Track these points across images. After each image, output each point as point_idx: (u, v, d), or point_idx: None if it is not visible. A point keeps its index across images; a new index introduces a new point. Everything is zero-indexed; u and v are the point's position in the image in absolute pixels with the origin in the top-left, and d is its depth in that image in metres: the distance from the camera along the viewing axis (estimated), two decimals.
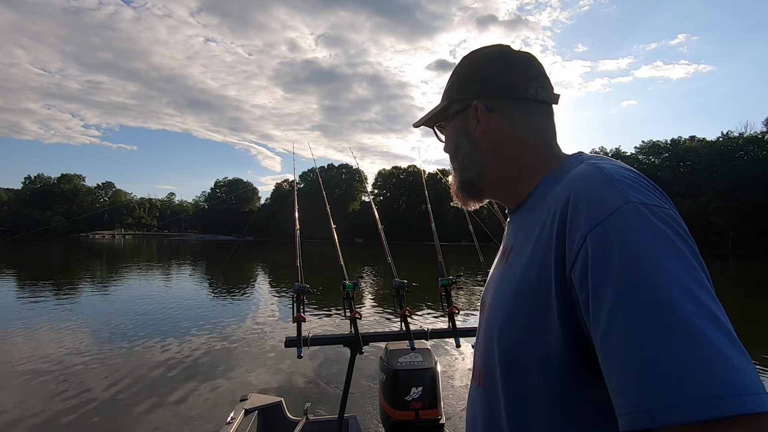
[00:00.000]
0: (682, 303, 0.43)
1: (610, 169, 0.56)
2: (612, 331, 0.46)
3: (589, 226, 0.52)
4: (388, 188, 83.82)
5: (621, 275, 0.47)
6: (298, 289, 2.14)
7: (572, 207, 0.55)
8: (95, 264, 22.85)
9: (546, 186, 0.69)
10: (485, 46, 0.78)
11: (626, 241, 0.48)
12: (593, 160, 0.62)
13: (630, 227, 0.49)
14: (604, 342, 0.48)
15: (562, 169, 0.67)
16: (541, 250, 0.59)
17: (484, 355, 0.70)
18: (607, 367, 0.48)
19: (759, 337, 8.18)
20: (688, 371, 0.40)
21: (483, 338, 0.71)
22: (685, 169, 54.10)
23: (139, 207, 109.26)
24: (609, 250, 0.49)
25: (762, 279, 21.46)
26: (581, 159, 0.66)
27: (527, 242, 0.64)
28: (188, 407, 4.50)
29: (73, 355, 6.25)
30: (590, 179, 0.56)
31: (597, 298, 0.49)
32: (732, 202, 44.08)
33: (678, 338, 0.42)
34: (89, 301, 11.38)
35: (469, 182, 0.79)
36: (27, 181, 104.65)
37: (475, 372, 0.75)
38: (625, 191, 0.52)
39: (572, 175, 0.60)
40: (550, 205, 0.61)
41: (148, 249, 45.38)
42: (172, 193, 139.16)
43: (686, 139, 58.00)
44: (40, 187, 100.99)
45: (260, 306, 10.83)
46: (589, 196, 0.54)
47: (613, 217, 0.50)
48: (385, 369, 2.20)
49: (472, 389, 0.76)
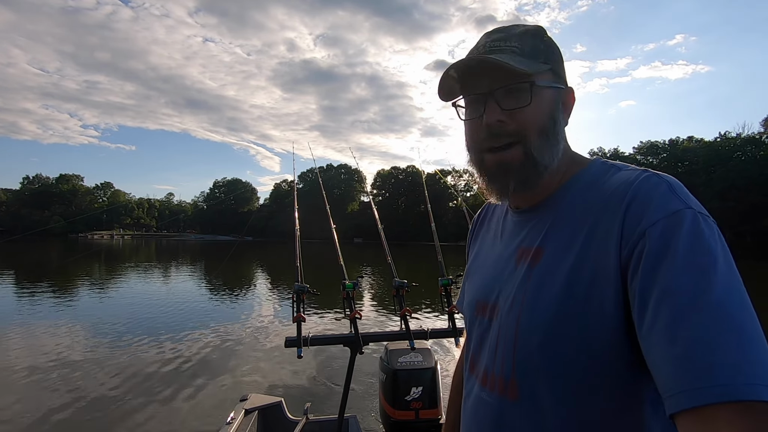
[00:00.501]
0: (736, 303, 0.47)
1: (669, 179, 0.59)
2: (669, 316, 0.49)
3: (651, 221, 0.54)
4: (387, 188, 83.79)
5: (684, 266, 0.50)
6: (298, 289, 2.15)
7: (634, 207, 0.56)
8: (94, 264, 22.80)
9: (581, 186, 0.67)
10: (542, 26, 0.71)
11: (689, 235, 0.51)
12: (632, 167, 0.65)
13: (692, 225, 0.52)
14: (656, 326, 0.49)
15: (593, 172, 0.68)
16: (594, 252, 0.59)
17: (513, 365, 0.65)
18: (658, 353, 0.49)
19: None
20: (737, 361, 0.44)
21: (509, 346, 0.66)
22: (683, 169, 54.15)
23: (137, 207, 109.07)
24: (670, 242, 0.52)
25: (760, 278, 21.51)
26: (617, 165, 0.67)
27: (570, 242, 0.62)
28: (188, 407, 4.50)
29: (72, 356, 6.24)
30: (651, 185, 0.58)
31: (653, 285, 0.51)
32: (729, 202, 44.15)
33: (732, 332, 0.45)
34: (88, 302, 11.36)
35: (545, 166, 0.67)
36: (25, 182, 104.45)
37: (491, 382, 0.69)
38: (685, 199, 0.55)
39: (629, 180, 0.61)
40: (600, 208, 0.61)
41: (147, 249, 45.31)
42: (170, 193, 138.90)
43: (684, 139, 58.12)
44: (38, 187, 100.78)
45: (260, 306, 10.82)
46: (651, 199, 0.56)
47: (675, 217, 0.53)
48: (385, 369, 2.20)
49: (486, 400, 0.70)
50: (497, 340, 0.69)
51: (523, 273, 0.67)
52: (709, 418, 0.43)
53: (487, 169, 0.70)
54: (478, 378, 0.73)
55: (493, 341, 0.70)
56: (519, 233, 0.73)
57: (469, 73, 0.68)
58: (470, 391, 0.76)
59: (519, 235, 0.73)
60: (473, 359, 0.77)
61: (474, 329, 0.78)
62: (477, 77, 0.67)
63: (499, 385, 0.67)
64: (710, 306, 0.46)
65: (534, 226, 0.70)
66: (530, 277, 0.65)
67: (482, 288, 0.77)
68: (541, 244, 0.66)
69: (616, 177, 0.63)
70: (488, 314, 0.73)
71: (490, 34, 0.70)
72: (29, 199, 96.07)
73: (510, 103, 0.65)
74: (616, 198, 0.59)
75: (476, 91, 0.68)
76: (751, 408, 0.42)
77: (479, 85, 0.67)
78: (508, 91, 0.65)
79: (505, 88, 0.65)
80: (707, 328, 0.45)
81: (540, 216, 0.70)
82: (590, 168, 0.69)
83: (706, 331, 0.45)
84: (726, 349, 0.44)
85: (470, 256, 0.91)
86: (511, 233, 0.76)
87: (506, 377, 0.66)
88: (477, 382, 0.73)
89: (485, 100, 0.66)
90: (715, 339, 0.45)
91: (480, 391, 0.72)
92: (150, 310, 10.02)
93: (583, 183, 0.67)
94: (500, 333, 0.68)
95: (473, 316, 0.78)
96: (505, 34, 0.68)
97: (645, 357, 0.52)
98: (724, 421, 0.42)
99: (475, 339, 0.77)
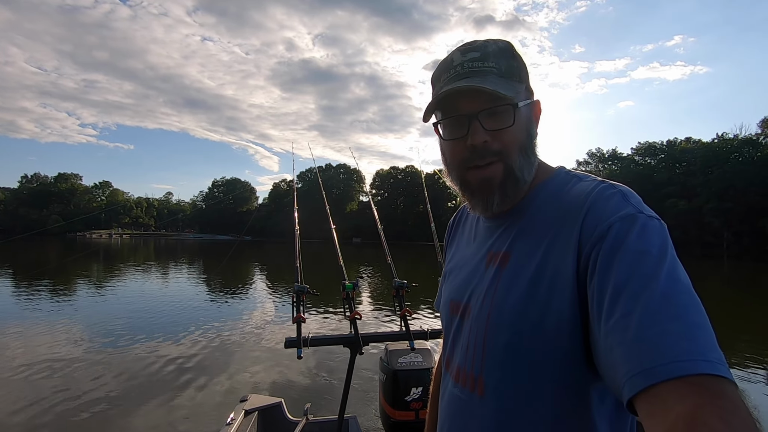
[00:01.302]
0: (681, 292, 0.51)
1: (623, 188, 0.64)
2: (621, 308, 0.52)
3: (606, 225, 0.58)
4: (386, 188, 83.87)
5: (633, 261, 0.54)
6: (298, 289, 2.14)
7: (590, 215, 0.61)
8: (92, 264, 22.78)
9: (546, 195, 0.71)
10: (510, 42, 0.74)
11: (638, 235, 0.56)
12: (591, 178, 0.70)
13: (641, 227, 0.57)
14: (611, 320, 0.52)
15: (557, 182, 0.72)
16: (555, 258, 0.63)
17: (482, 362, 0.69)
18: (613, 343, 0.51)
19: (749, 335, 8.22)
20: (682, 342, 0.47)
21: (479, 344, 0.70)
22: (680, 170, 54.20)
23: (136, 206, 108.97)
24: (622, 242, 0.56)
25: (756, 279, 21.59)
26: (578, 176, 0.72)
27: (534, 248, 0.66)
28: (188, 408, 4.49)
29: (71, 356, 6.23)
30: (606, 195, 0.63)
31: (607, 282, 0.55)
32: (727, 203, 44.26)
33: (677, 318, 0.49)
34: (86, 302, 11.34)
35: (525, 180, 0.71)
36: (24, 180, 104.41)
37: (463, 379, 0.73)
38: (637, 205, 0.60)
39: (587, 190, 0.65)
40: (561, 216, 0.65)
41: (146, 249, 45.26)
42: (169, 193, 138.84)
43: (682, 140, 58.08)
44: (36, 186, 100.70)
45: (260, 306, 10.82)
46: (607, 206, 0.61)
47: (627, 220, 0.58)
48: (385, 369, 2.21)
49: (458, 396, 0.73)
50: (469, 338, 0.73)
51: (492, 275, 0.71)
52: (661, 396, 0.45)
53: (470, 185, 0.73)
54: (452, 375, 0.77)
55: (465, 339, 0.74)
56: (490, 237, 0.77)
57: (445, 96, 0.70)
58: (446, 387, 0.79)
59: (489, 240, 0.77)
60: (448, 357, 0.81)
61: (450, 328, 0.81)
62: (459, 99, 0.69)
63: (470, 382, 0.71)
64: (657, 295, 0.50)
65: (503, 232, 0.74)
66: (499, 278, 0.70)
67: (457, 289, 0.81)
68: (508, 249, 0.71)
69: (576, 187, 0.68)
70: (461, 313, 0.77)
71: (464, 51, 0.71)
72: (27, 198, 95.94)
73: (493, 125, 0.69)
74: (575, 207, 0.63)
75: (459, 112, 0.70)
76: (698, 382, 0.44)
77: (462, 106, 0.69)
78: (491, 113, 0.68)
79: (489, 111, 0.68)
80: (654, 316, 0.49)
81: (509, 222, 0.74)
82: (555, 178, 0.74)
83: (653, 318, 0.49)
84: (672, 332, 0.48)
85: (447, 258, 0.95)
86: (482, 237, 0.80)
87: (476, 374, 0.70)
88: (451, 379, 0.77)
89: (468, 122, 0.69)
90: (662, 325, 0.48)
91: (453, 387, 0.75)
92: (149, 310, 10.00)
93: (548, 192, 0.72)
94: (471, 331, 0.72)
95: (449, 316, 0.81)
96: (480, 54, 0.70)
97: (601, 353, 0.54)
98: (676, 395, 0.44)
99: (451, 338, 0.80)
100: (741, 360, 6.39)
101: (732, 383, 0.45)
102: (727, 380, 0.45)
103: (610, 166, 62.80)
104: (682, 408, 0.43)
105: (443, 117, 0.73)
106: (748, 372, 5.90)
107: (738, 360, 6.37)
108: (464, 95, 0.69)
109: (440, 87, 0.72)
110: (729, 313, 10.51)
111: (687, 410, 0.43)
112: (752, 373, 5.89)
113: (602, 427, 0.61)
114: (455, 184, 0.76)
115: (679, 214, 44.94)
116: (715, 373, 0.45)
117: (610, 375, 0.52)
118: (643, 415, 0.47)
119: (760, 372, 6.00)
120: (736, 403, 0.43)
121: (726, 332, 7.91)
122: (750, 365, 6.18)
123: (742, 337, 8.03)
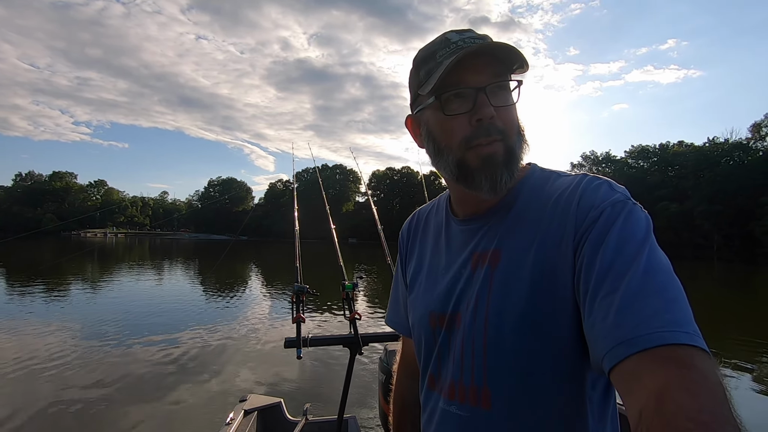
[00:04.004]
0: (661, 271, 0.53)
1: (608, 179, 0.65)
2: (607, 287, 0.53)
3: (599, 210, 0.59)
4: (382, 189, 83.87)
5: (618, 243, 0.55)
6: (298, 289, 2.14)
7: (583, 202, 0.61)
8: (87, 263, 22.64)
9: (529, 190, 0.70)
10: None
11: (625, 219, 0.57)
12: (571, 173, 0.70)
13: (629, 212, 0.58)
14: (597, 298, 0.54)
15: (537, 177, 0.72)
16: (552, 246, 0.62)
17: (485, 372, 0.65)
18: (597, 321, 0.53)
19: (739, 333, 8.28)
20: (660, 315, 0.48)
21: (479, 353, 0.66)
22: (673, 173, 54.64)
23: (131, 206, 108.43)
24: (611, 225, 0.57)
25: (745, 280, 21.80)
26: (556, 172, 0.72)
27: (527, 243, 0.64)
28: (187, 408, 4.49)
29: (69, 356, 6.18)
30: (596, 184, 0.63)
31: (595, 261, 0.56)
32: (717, 206, 44.61)
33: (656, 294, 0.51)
34: (84, 302, 11.27)
35: (518, 165, 0.68)
36: (18, 179, 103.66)
37: (461, 394, 0.68)
38: (623, 192, 0.62)
39: (575, 182, 0.65)
40: (551, 207, 0.65)
41: (141, 248, 45.05)
42: (165, 192, 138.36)
43: (674, 144, 58.61)
44: (31, 184, 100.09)
45: (258, 306, 10.78)
46: (597, 194, 0.61)
47: (618, 205, 0.59)
48: (384, 369, 2.21)
49: (457, 414, 0.68)
50: (463, 348, 0.68)
51: (482, 276, 0.67)
52: (635, 371, 0.47)
53: (469, 167, 0.66)
54: (444, 392, 0.71)
55: (458, 351, 0.69)
56: (470, 240, 0.72)
57: (456, 67, 0.64)
58: (434, 408, 0.73)
59: (470, 242, 0.72)
60: (432, 374, 0.75)
61: (429, 343, 0.76)
62: (464, 72, 0.64)
63: (471, 396, 0.66)
64: (639, 274, 0.52)
65: (486, 232, 0.70)
66: (491, 279, 0.66)
67: (437, 299, 0.75)
68: (498, 246, 0.67)
69: (560, 181, 0.68)
70: (446, 325, 0.72)
71: (461, 32, 0.67)
72: (22, 196, 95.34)
73: (498, 101, 0.65)
74: (566, 197, 0.63)
75: (468, 84, 0.64)
76: (670, 354, 0.46)
77: (468, 79, 0.64)
78: (500, 87, 0.65)
79: (498, 84, 0.65)
80: (636, 293, 0.51)
81: (491, 221, 0.71)
82: (533, 174, 0.72)
83: (635, 295, 0.51)
84: (651, 306, 0.49)
85: (408, 270, 0.88)
86: (460, 241, 0.75)
87: (478, 386, 0.66)
88: (443, 398, 0.71)
89: (475, 95, 0.64)
90: (642, 300, 0.50)
91: (447, 405, 0.70)
92: (148, 310, 9.96)
93: (531, 187, 0.70)
94: (465, 341, 0.68)
95: (429, 329, 0.75)
96: (476, 34, 0.67)
97: (587, 331, 0.55)
98: (649, 369, 0.46)
99: (435, 353, 0.74)
100: (730, 357, 6.46)
101: (705, 353, 0.46)
102: (701, 350, 0.46)
103: (603, 168, 63.07)
104: (653, 383, 0.44)
105: (444, 92, 0.65)
106: (738, 372, 5.95)
107: (727, 357, 6.43)
108: (476, 66, 0.64)
109: (440, 60, 0.66)
110: (719, 313, 10.58)
111: (658, 385, 0.44)
112: (741, 371, 5.96)
113: (591, 412, 0.62)
114: (448, 170, 0.69)
115: (671, 216, 45.25)
116: (689, 342, 0.46)
117: (593, 351, 0.53)
118: (621, 390, 0.48)
119: (748, 367, 6.12)
120: (706, 374, 0.44)
121: (715, 331, 7.99)
122: (739, 365, 6.25)
123: (732, 336, 8.08)
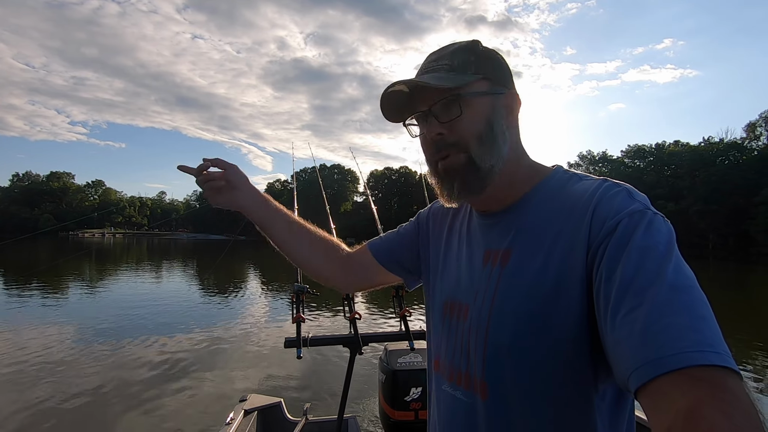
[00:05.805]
0: (687, 286, 0.52)
1: (628, 186, 0.64)
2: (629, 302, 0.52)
3: (616, 221, 0.58)
4: (380, 189, 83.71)
5: (641, 256, 0.54)
6: (298, 289, 2.14)
7: (599, 211, 0.61)
8: (85, 263, 22.57)
9: (545, 193, 0.71)
10: (476, 40, 0.74)
11: (646, 230, 0.56)
12: (591, 177, 0.70)
13: (649, 222, 0.57)
14: (619, 313, 0.53)
15: (556, 180, 0.72)
16: (561, 253, 0.63)
17: (483, 364, 0.68)
18: (621, 337, 0.52)
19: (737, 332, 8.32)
20: (688, 334, 0.47)
21: (480, 345, 0.69)
22: (669, 173, 54.67)
23: (129, 206, 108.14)
24: (631, 236, 0.56)
25: (740, 279, 21.90)
26: (578, 175, 0.72)
27: (538, 246, 0.65)
28: (187, 408, 4.49)
29: (68, 357, 6.18)
30: (613, 192, 0.63)
31: (615, 275, 0.55)
32: (713, 205, 44.63)
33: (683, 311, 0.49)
34: (83, 302, 11.27)
35: (488, 169, 0.70)
36: (15, 179, 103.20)
37: (465, 381, 0.71)
38: (643, 201, 0.61)
39: (592, 188, 0.65)
40: (566, 213, 0.65)
41: (139, 248, 44.91)
42: (162, 192, 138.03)
43: (670, 143, 58.60)
44: (28, 184, 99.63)
45: (258, 306, 10.79)
46: (614, 202, 0.61)
47: (636, 215, 0.58)
48: (384, 369, 2.21)
49: (460, 398, 0.72)
50: (468, 339, 0.71)
51: (492, 274, 0.70)
52: (664, 389, 0.46)
53: (436, 177, 0.75)
54: (446, 375, 0.76)
55: (461, 340, 0.73)
56: (485, 236, 0.76)
57: (411, 96, 0.74)
58: (438, 387, 0.78)
59: (486, 238, 0.75)
60: (438, 357, 0.80)
61: (438, 328, 0.81)
62: (418, 97, 0.73)
63: (471, 384, 0.70)
64: (664, 290, 0.51)
65: (501, 230, 0.73)
66: (500, 276, 0.69)
67: (452, 289, 0.80)
68: (509, 246, 0.70)
69: (578, 185, 0.68)
70: (457, 314, 0.76)
71: (429, 55, 0.75)
72: (19, 196, 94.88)
73: (445, 117, 0.70)
74: (582, 204, 0.63)
75: (419, 109, 0.73)
76: (701, 374, 0.45)
77: (420, 104, 0.73)
78: (443, 105, 0.70)
79: (439, 104, 0.70)
80: (662, 309, 0.49)
81: (507, 220, 0.73)
82: (553, 176, 0.73)
83: (660, 311, 0.49)
84: (678, 324, 0.48)
85: (431, 250, 0.93)
86: (477, 236, 0.78)
87: (476, 377, 0.69)
88: (447, 381, 0.75)
89: (426, 117, 0.72)
90: (669, 318, 0.48)
91: (450, 388, 0.74)
92: (147, 310, 9.95)
93: (548, 190, 0.71)
94: (470, 332, 0.71)
95: (441, 314, 0.81)
96: (438, 55, 0.73)
97: (609, 347, 0.54)
98: (678, 388, 0.45)
99: (441, 338, 0.79)
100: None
101: (737, 375, 0.45)
102: (733, 371, 0.45)
103: (600, 168, 63.10)
104: (684, 402, 0.43)
105: (409, 118, 0.77)
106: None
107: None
108: (419, 93, 0.73)
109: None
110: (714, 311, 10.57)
111: (689, 404, 0.43)
112: (740, 368, 5.98)
113: (601, 422, 0.62)
114: (431, 178, 0.77)
115: (667, 215, 44.18)
116: (720, 364, 0.45)
117: (618, 369, 0.52)
118: (648, 407, 0.47)
119: (743, 366, 6.20)
120: (738, 395, 0.43)
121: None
122: (738, 362, 6.27)
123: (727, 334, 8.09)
